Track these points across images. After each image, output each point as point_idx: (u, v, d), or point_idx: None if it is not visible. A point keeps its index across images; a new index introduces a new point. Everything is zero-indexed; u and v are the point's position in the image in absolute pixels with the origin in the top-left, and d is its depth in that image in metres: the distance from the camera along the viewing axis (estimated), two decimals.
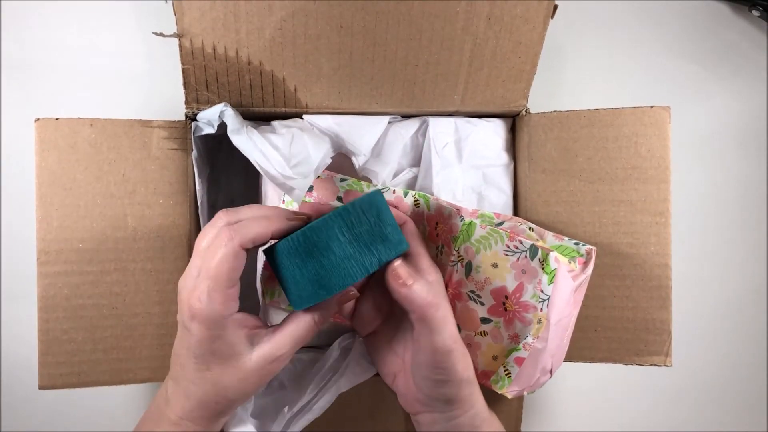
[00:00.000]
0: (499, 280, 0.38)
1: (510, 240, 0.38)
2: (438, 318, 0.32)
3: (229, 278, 0.30)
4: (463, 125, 0.45)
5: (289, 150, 0.40)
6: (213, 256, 0.30)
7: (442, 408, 0.35)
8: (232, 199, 0.49)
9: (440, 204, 0.41)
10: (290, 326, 0.32)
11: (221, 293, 0.30)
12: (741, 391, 0.59)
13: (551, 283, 0.35)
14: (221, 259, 0.30)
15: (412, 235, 0.36)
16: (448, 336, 0.33)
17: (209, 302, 0.29)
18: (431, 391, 0.34)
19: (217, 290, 0.30)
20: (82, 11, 0.52)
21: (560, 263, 0.35)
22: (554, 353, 0.36)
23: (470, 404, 0.35)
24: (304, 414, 0.38)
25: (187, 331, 0.31)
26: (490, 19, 0.39)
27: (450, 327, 0.33)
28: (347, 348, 0.42)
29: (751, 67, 0.58)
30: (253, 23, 0.37)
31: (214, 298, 0.30)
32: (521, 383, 0.37)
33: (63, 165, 0.38)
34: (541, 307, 0.36)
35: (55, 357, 0.39)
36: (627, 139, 0.41)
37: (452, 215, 0.41)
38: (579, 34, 0.56)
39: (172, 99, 0.43)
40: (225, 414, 0.33)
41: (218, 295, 0.30)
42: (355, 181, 0.42)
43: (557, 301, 0.35)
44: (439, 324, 0.32)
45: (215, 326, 0.30)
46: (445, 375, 0.33)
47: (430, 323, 0.32)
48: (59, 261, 0.38)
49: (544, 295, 0.36)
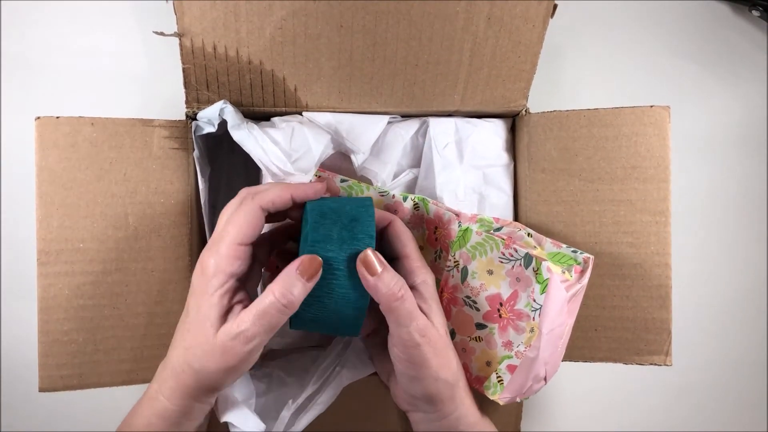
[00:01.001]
0: (494, 287, 0.38)
1: (505, 247, 0.38)
2: (402, 310, 0.32)
3: (241, 232, 0.31)
4: (464, 125, 0.45)
5: (289, 145, 0.40)
6: (232, 215, 0.32)
7: (425, 408, 0.35)
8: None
9: (439, 209, 0.41)
10: (254, 303, 0.31)
11: (229, 246, 0.31)
12: (741, 391, 0.59)
13: (543, 292, 0.35)
14: (238, 213, 0.32)
15: (399, 234, 0.35)
16: (414, 329, 0.32)
17: (215, 252, 0.31)
18: (410, 389, 0.35)
19: (227, 242, 0.31)
20: (82, 11, 0.52)
21: (552, 273, 0.35)
22: (548, 361, 0.36)
23: (453, 407, 0.35)
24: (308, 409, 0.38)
25: (192, 287, 0.32)
26: (489, 18, 0.39)
27: (417, 322, 0.32)
28: (349, 342, 0.42)
29: (751, 67, 0.58)
30: (253, 23, 0.37)
31: (221, 250, 0.31)
32: (512, 390, 0.37)
33: (63, 164, 0.38)
34: (534, 316, 0.36)
35: (55, 358, 0.38)
36: (627, 139, 0.41)
37: (451, 220, 0.41)
38: (579, 33, 0.56)
39: (173, 98, 0.43)
40: (195, 393, 0.32)
41: (225, 248, 0.31)
42: (355, 183, 0.42)
43: (549, 310, 0.35)
44: (404, 317, 0.32)
45: (212, 278, 0.31)
46: (416, 371, 0.33)
47: (394, 314, 0.32)
48: (60, 261, 0.38)
49: (537, 305, 0.36)
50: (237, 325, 0.30)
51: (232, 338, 0.30)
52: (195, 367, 0.31)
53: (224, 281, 0.31)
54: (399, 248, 0.35)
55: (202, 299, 0.31)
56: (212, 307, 0.31)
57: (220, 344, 0.30)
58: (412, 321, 0.32)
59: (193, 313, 0.32)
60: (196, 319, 0.31)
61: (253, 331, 0.30)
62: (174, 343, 0.33)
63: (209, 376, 0.31)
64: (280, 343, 0.44)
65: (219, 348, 0.30)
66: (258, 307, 0.31)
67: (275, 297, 0.30)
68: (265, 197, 0.33)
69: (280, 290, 0.31)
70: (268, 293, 0.31)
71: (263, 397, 0.39)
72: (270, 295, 0.31)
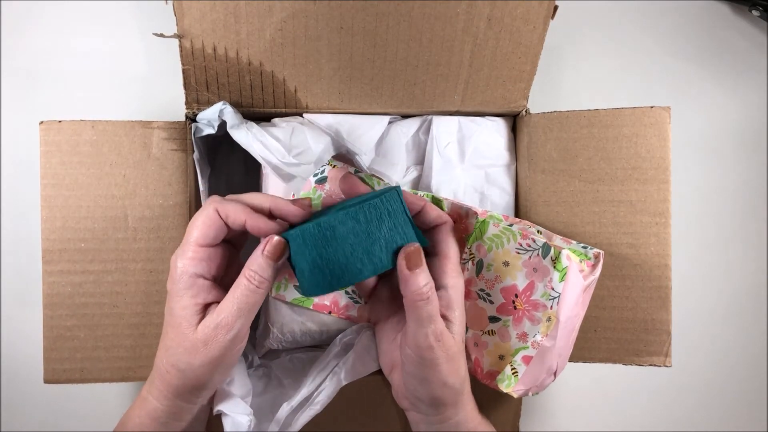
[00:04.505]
0: (510, 278, 0.38)
1: (523, 238, 0.38)
2: (424, 311, 0.32)
3: (201, 234, 0.33)
4: (467, 124, 0.45)
5: (289, 141, 0.40)
6: (192, 219, 0.34)
7: (425, 410, 0.35)
8: None
9: (455, 203, 0.42)
10: (231, 291, 0.32)
11: (192, 247, 0.33)
12: (741, 391, 0.59)
13: (562, 280, 0.36)
14: (196, 217, 0.33)
15: (446, 236, 0.36)
16: (431, 332, 0.33)
17: (181, 255, 0.33)
18: (415, 390, 0.35)
19: (190, 245, 0.33)
20: (82, 13, 0.52)
21: (572, 261, 0.35)
22: (560, 353, 0.36)
23: (455, 411, 0.35)
24: (305, 409, 0.38)
25: (168, 292, 0.33)
26: (490, 20, 0.39)
27: (436, 325, 0.33)
28: (348, 344, 0.42)
29: (751, 67, 0.58)
30: (253, 24, 0.37)
31: (185, 253, 0.33)
32: (527, 382, 0.37)
33: (66, 166, 0.39)
34: (551, 304, 0.36)
35: (59, 353, 0.39)
36: (627, 140, 0.41)
37: (469, 214, 0.41)
38: (579, 34, 0.56)
39: (173, 100, 0.43)
40: (181, 393, 0.33)
41: (188, 250, 0.33)
42: (367, 176, 0.42)
43: (567, 298, 0.35)
44: (424, 318, 0.33)
45: (178, 281, 0.32)
46: (425, 373, 0.34)
47: (416, 313, 0.33)
48: (63, 260, 0.39)
49: (555, 293, 0.36)
50: (216, 315, 0.32)
51: (213, 329, 0.31)
52: (179, 367, 0.32)
53: (191, 283, 0.32)
54: (443, 248, 0.36)
55: (174, 301, 0.32)
56: (184, 308, 0.32)
57: (202, 338, 0.31)
58: (431, 323, 0.33)
59: (168, 316, 0.33)
60: (171, 321, 0.32)
61: (232, 317, 0.32)
62: (159, 346, 0.34)
63: (194, 373, 0.32)
64: (281, 342, 0.44)
65: (201, 341, 0.31)
66: (232, 294, 0.32)
67: (248, 280, 0.32)
68: (222, 202, 0.34)
69: (251, 272, 0.32)
70: (240, 278, 0.32)
71: (260, 397, 0.39)
72: (242, 279, 0.32)
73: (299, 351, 0.45)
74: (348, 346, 0.42)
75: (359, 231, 0.32)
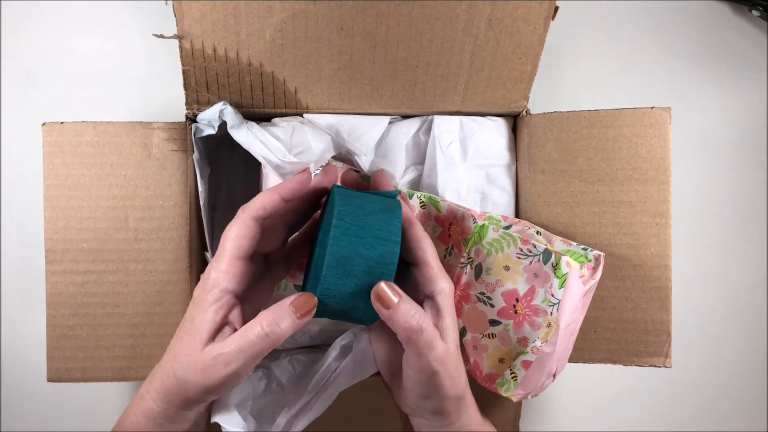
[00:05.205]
0: (511, 282, 0.38)
1: (523, 243, 0.38)
2: (421, 342, 0.31)
3: (236, 245, 0.32)
4: (468, 123, 0.45)
5: (290, 140, 0.40)
6: (226, 230, 0.33)
7: (428, 417, 0.35)
8: (232, 199, 0.49)
9: (452, 206, 0.41)
10: (243, 328, 0.31)
11: (227, 261, 0.32)
12: (741, 391, 0.59)
13: (562, 287, 0.35)
14: (231, 228, 0.32)
15: (419, 241, 0.34)
16: (434, 358, 0.32)
17: (216, 267, 0.32)
18: (418, 401, 0.35)
19: (226, 258, 0.32)
20: (82, 13, 0.52)
21: (572, 268, 0.35)
22: (560, 357, 0.36)
23: (456, 416, 0.35)
24: (304, 414, 0.38)
25: (193, 298, 0.32)
26: (491, 20, 0.39)
27: (437, 352, 0.32)
28: (347, 347, 0.42)
29: (751, 67, 0.58)
30: (253, 25, 0.37)
31: (221, 266, 0.32)
32: (527, 387, 0.37)
33: (68, 167, 0.39)
34: (551, 311, 0.36)
35: (62, 352, 0.40)
36: (627, 140, 0.41)
37: (465, 217, 0.41)
38: (579, 35, 0.56)
39: (173, 100, 0.43)
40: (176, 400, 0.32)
41: (224, 263, 0.32)
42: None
43: (567, 305, 0.35)
44: (423, 348, 0.32)
45: (209, 292, 0.31)
46: (428, 391, 0.33)
47: (414, 346, 0.32)
48: (65, 260, 0.39)
49: (555, 299, 0.36)
50: (221, 347, 0.30)
51: (213, 358, 0.30)
52: (178, 375, 0.31)
53: (219, 297, 0.31)
54: (419, 255, 0.34)
55: (198, 311, 0.32)
56: (204, 321, 0.31)
57: (202, 362, 0.30)
58: (431, 350, 0.32)
59: (188, 323, 0.32)
60: (189, 329, 0.32)
61: (233, 356, 0.30)
62: (168, 348, 0.33)
63: (189, 388, 0.31)
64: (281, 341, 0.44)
65: (200, 364, 0.30)
66: (243, 333, 0.30)
67: (261, 327, 0.30)
68: (254, 205, 0.33)
69: (268, 321, 0.30)
70: (256, 322, 0.31)
71: (261, 400, 0.39)
72: (257, 325, 0.30)
73: (298, 351, 0.45)
74: (346, 349, 0.42)
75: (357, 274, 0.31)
